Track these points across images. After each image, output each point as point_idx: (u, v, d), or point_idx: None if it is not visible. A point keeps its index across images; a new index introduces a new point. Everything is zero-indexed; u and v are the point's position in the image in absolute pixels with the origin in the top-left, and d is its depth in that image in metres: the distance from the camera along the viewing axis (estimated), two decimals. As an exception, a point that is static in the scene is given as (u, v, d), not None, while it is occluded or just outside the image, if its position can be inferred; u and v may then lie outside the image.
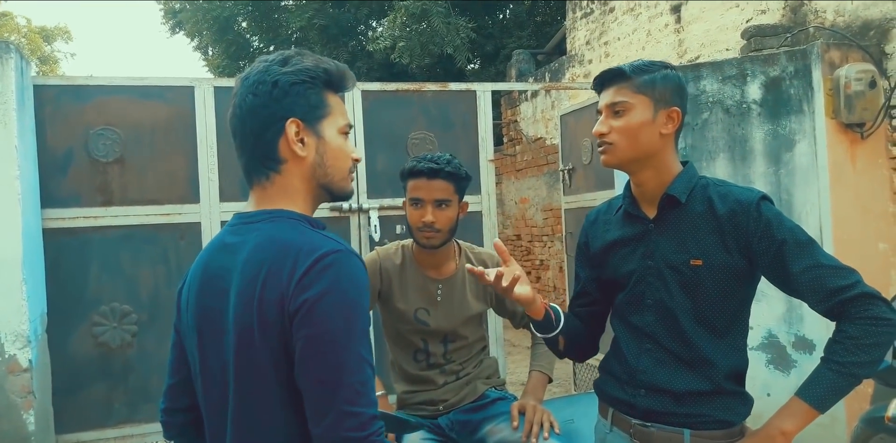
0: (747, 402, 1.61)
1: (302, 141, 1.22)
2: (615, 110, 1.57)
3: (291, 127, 1.21)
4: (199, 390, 1.27)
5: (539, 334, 1.75)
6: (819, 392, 1.43)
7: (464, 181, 2.23)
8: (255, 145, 1.22)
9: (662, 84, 1.56)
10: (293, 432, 1.15)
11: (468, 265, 1.62)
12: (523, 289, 1.59)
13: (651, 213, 1.63)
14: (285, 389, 1.14)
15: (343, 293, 1.11)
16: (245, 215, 1.25)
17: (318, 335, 1.09)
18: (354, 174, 1.33)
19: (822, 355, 1.47)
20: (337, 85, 1.27)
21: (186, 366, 1.31)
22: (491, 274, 1.55)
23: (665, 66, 1.61)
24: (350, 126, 1.31)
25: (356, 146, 3.88)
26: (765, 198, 1.54)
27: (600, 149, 1.62)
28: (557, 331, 1.69)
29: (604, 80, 1.62)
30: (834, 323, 1.49)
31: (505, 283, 1.54)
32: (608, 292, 1.75)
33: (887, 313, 1.42)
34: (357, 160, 1.32)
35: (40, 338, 3.20)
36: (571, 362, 4.65)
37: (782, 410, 1.47)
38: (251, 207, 1.26)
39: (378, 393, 2.15)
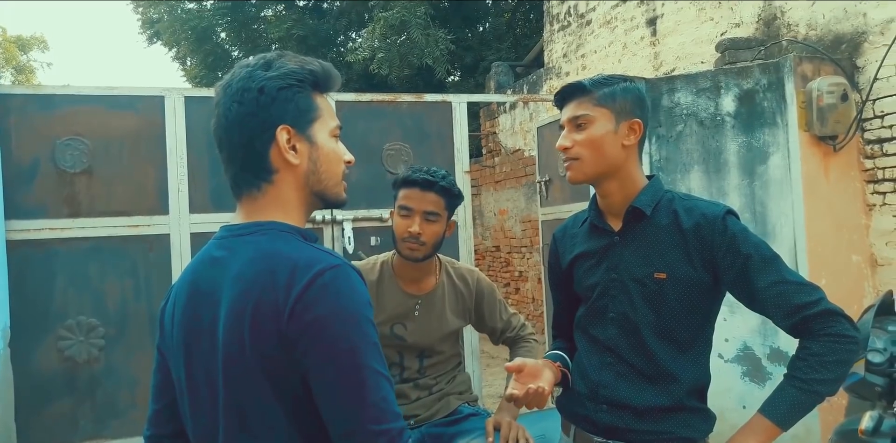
0: (709, 419, 1.60)
1: (294, 148, 1.16)
2: (577, 124, 1.57)
3: (282, 134, 1.14)
4: (185, 413, 1.20)
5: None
6: (782, 409, 1.43)
7: (455, 199, 2.22)
8: (244, 157, 1.15)
9: (622, 96, 1.57)
10: None
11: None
12: (545, 383, 1.53)
13: (616, 225, 1.62)
14: (280, 408, 1.08)
15: (349, 310, 1.06)
16: (234, 228, 1.18)
17: (333, 356, 1.04)
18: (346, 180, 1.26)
19: (786, 371, 1.47)
20: (324, 85, 1.21)
21: (171, 390, 1.24)
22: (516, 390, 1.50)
23: (625, 79, 1.62)
24: (340, 127, 1.24)
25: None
26: (730, 212, 1.54)
27: (566, 165, 1.61)
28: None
29: (565, 96, 1.62)
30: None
31: (532, 388, 1.49)
32: (574, 306, 1.73)
33: (850, 331, 1.43)
34: (350, 162, 1.25)
35: (2, 352, 3.12)
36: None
37: (745, 427, 1.45)
38: (240, 218, 1.19)
39: None
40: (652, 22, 5.64)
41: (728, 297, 1.60)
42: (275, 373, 1.07)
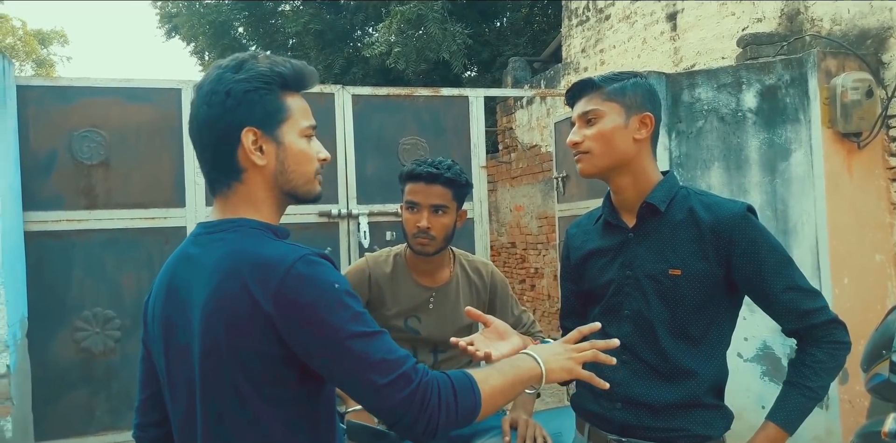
0: (726, 416, 1.58)
1: (261, 149, 1.18)
2: (587, 119, 1.58)
3: (248, 136, 1.17)
4: (168, 404, 1.25)
5: None
6: (792, 416, 1.48)
7: (463, 189, 2.17)
8: (213, 157, 1.20)
9: (633, 91, 1.57)
10: (265, 440, 1.13)
11: (453, 339, 1.49)
12: (505, 347, 1.48)
13: (630, 222, 1.61)
14: (255, 401, 1.12)
15: (328, 294, 1.10)
16: (207, 225, 1.22)
17: (326, 341, 1.09)
18: (325, 175, 1.31)
19: (789, 378, 1.52)
20: (295, 85, 1.23)
21: (156, 380, 1.28)
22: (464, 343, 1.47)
23: (635, 74, 1.62)
24: (313, 127, 1.26)
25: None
26: (750, 211, 1.53)
27: (576, 158, 1.61)
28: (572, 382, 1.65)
29: (575, 93, 1.63)
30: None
31: (480, 352, 1.43)
32: (586, 304, 1.71)
33: (846, 338, 1.52)
34: (324, 160, 1.27)
35: (20, 343, 3.13)
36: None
37: (759, 435, 1.49)
38: (214, 216, 1.23)
39: (359, 406, 2.09)
40: (672, 17, 5.57)
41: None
42: (254, 367, 1.11)
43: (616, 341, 1.37)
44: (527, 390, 1.46)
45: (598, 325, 1.46)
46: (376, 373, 1.08)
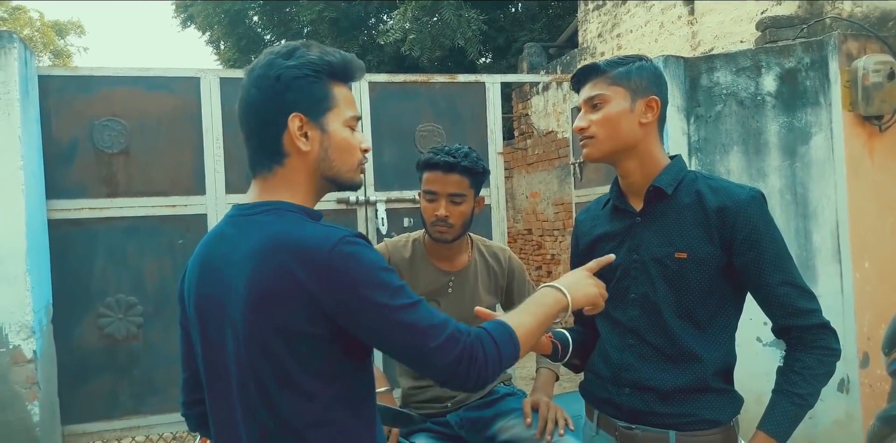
0: (735, 400, 1.58)
1: (305, 135, 1.22)
2: (593, 104, 1.57)
3: (294, 122, 1.20)
4: (204, 382, 1.29)
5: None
6: (784, 426, 1.47)
7: (480, 176, 2.17)
8: (259, 139, 1.23)
9: (638, 74, 1.56)
10: (307, 418, 1.16)
11: (478, 308, 1.53)
12: None
13: (638, 205, 1.61)
14: (301, 378, 1.15)
15: (371, 272, 1.13)
16: (244, 207, 1.25)
17: (377, 318, 1.12)
18: (364, 165, 1.33)
19: (778, 386, 1.50)
20: (343, 76, 1.26)
21: (195, 360, 1.33)
22: None
23: (640, 58, 1.60)
24: (358, 118, 1.29)
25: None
26: (757, 197, 1.52)
27: (582, 143, 1.61)
28: (566, 358, 1.69)
29: (580, 78, 1.62)
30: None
31: None
32: None
33: (835, 344, 1.49)
34: (366, 150, 1.31)
35: (45, 329, 3.19)
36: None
37: None
38: (251, 197, 1.26)
39: (381, 389, 2.11)
40: (690, 0, 5.51)
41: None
42: (298, 345, 1.14)
43: (611, 257, 1.51)
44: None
45: (612, 256, 1.54)
46: (427, 338, 1.13)
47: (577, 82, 1.63)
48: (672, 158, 1.63)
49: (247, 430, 1.19)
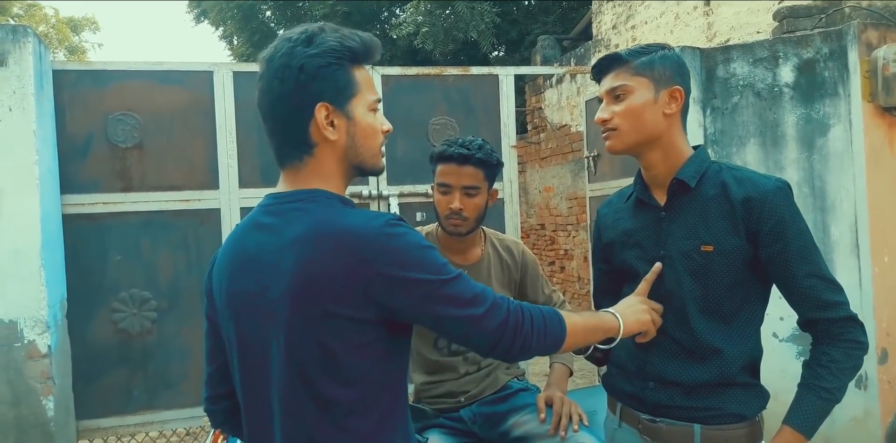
0: (761, 395, 1.55)
1: (332, 124, 1.21)
2: (615, 95, 1.54)
3: (321, 112, 1.19)
4: (235, 375, 1.27)
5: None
6: (811, 421, 1.44)
7: (494, 168, 2.16)
8: (286, 131, 1.22)
9: (661, 64, 1.53)
10: (347, 404, 1.16)
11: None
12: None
13: (662, 199, 1.59)
14: (346, 362, 1.15)
15: (417, 254, 1.15)
16: (280, 196, 1.24)
17: (427, 295, 1.15)
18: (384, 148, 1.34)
19: (804, 380, 1.48)
20: (364, 59, 1.25)
21: (223, 353, 1.31)
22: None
23: (662, 47, 1.57)
24: (379, 100, 1.29)
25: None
26: (783, 188, 1.49)
27: (604, 135, 1.58)
28: (589, 351, 1.67)
29: (602, 68, 1.59)
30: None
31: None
32: (619, 283, 1.69)
33: (863, 337, 1.47)
34: (388, 131, 1.31)
35: (60, 324, 3.20)
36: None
37: (776, 441, 1.45)
38: (284, 187, 1.25)
39: None
40: (705, -9, 5.45)
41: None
42: (344, 330, 1.14)
43: (658, 265, 1.53)
44: (599, 345, 1.51)
45: (659, 266, 1.53)
46: (473, 307, 1.17)
47: (599, 72, 1.60)
48: (695, 148, 1.60)
49: (283, 419, 1.19)
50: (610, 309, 1.44)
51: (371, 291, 1.12)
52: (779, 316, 3.42)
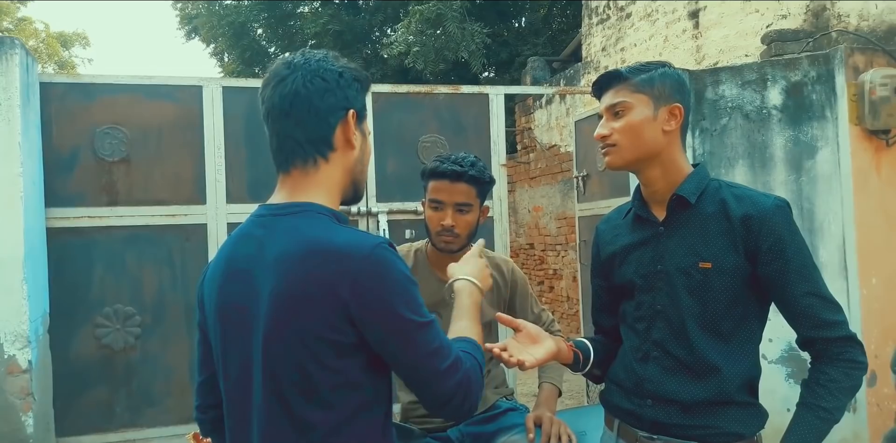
0: (760, 414, 1.54)
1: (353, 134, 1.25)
2: (615, 112, 1.54)
3: (352, 116, 1.23)
4: (221, 386, 1.27)
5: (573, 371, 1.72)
6: (808, 439, 1.42)
7: (486, 185, 2.14)
8: (314, 126, 1.21)
9: (661, 81, 1.53)
10: (325, 427, 1.15)
11: (487, 345, 1.49)
12: (539, 352, 1.52)
13: (661, 215, 1.58)
14: (323, 385, 1.13)
15: (400, 284, 1.14)
16: (273, 207, 1.23)
17: (398, 332, 1.13)
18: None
19: (802, 399, 1.46)
20: (367, 90, 1.32)
21: (212, 363, 1.30)
22: (496, 348, 1.49)
23: (663, 64, 1.58)
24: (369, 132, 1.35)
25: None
26: (782, 206, 1.49)
27: (603, 151, 1.58)
28: (587, 368, 1.67)
29: (602, 85, 1.59)
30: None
31: (514, 359, 1.46)
32: (617, 300, 1.68)
33: (862, 357, 1.46)
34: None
35: (41, 339, 3.15)
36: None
37: None
38: (280, 196, 1.24)
39: None
40: (694, 14, 5.51)
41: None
42: (323, 353, 1.12)
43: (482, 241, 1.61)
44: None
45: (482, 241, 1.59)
46: (436, 359, 1.15)
47: (599, 89, 1.60)
48: (695, 166, 1.60)
49: (260, 436, 1.17)
50: (466, 277, 1.52)
51: (350, 314, 1.11)
52: (768, 338, 3.42)
